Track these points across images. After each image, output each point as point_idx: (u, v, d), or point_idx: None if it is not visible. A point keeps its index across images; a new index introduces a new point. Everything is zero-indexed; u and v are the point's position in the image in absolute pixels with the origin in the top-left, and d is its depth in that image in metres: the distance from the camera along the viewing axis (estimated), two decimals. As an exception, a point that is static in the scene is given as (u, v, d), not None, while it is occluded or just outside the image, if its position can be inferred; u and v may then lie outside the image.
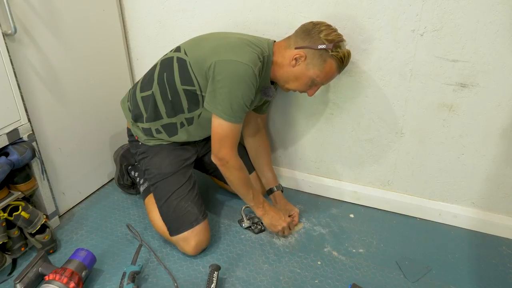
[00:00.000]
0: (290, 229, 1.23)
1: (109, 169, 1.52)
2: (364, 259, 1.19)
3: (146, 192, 1.26)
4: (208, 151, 1.34)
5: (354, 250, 1.22)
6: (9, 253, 1.12)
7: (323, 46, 1.00)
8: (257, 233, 1.27)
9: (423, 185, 1.34)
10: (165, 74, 1.11)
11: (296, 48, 1.03)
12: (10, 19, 1.00)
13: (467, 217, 1.31)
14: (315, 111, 1.36)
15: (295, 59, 1.04)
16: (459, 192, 1.30)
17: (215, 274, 1.04)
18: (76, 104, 1.30)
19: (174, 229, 1.14)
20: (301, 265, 1.16)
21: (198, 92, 1.07)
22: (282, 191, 1.38)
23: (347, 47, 1.07)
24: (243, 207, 1.30)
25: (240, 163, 1.10)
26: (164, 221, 1.17)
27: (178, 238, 1.14)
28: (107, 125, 1.47)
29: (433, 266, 1.17)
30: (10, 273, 1.10)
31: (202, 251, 1.19)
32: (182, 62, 1.07)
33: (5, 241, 1.07)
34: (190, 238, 1.13)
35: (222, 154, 1.06)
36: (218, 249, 1.21)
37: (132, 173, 1.38)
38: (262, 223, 1.29)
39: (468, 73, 1.12)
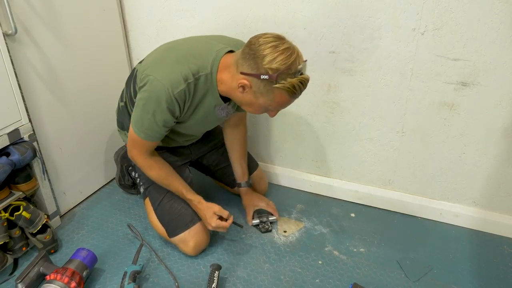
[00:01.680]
0: (220, 228, 1.13)
1: (110, 169, 1.52)
2: (365, 259, 1.18)
3: (145, 194, 1.26)
4: (205, 153, 1.34)
5: (355, 250, 1.22)
6: (11, 253, 1.12)
7: (266, 77, 0.86)
8: (263, 232, 1.27)
9: (424, 184, 1.34)
10: (127, 87, 1.11)
11: (241, 73, 0.90)
12: (11, 19, 1.00)
13: (468, 216, 1.31)
14: (315, 110, 1.35)
15: (242, 87, 0.92)
16: (460, 191, 1.30)
17: (216, 274, 1.04)
18: (76, 104, 1.31)
19: (171, 231, 1.14)
20: (302, 265, 1.16)
21: None
22: (250, 186, 1.34)
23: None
24: None
25: (149, 163, 1.07)
26: (161, 224, 1.17)
27: (176, 239, 1.14)
28: (107, 125, 1.46)
29: (434, 265, 1.16)
30: (12, 273, 1.11)
31: (202, 251, 1.19)
32: (136, 74, 1.06)
33: (6, 241, 1.07)
34: (188, 239, 1.13)
35: (131, 154, 1.08)
36: (218, 249, 1.21)
37: (133, 173, 1.38)
38: (270, 223, 1.29)
39: (469, 72, 1.11)
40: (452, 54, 1.10)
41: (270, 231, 1.28)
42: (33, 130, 1.14)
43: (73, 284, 0.97)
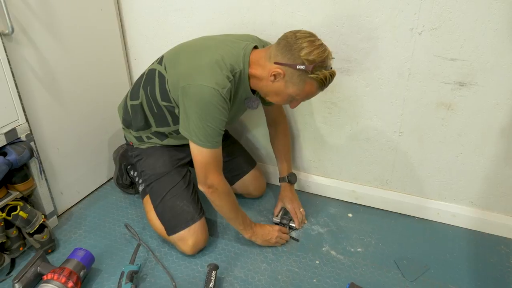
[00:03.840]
0: (283, 235, 1.23)
1: (107, 169, 1.52)
2: (362, 258, 1.19)
3: (145, 192, 1.26)
4: None
5: (352, 249, 1.22)
6: (8, 252, 1.13)
7: (302, 67, 0.93)
8: None
9: (421, 184, 1.34)
10: (148, 87, 1.11)
11: (275, 63, 0.97)
12: (7, 19, 1.00)
13: (465, 216, 1.31)
14: (313, 110, 1.35)
15: (274, 75, 0.97)
16: (458, 191, 1.30)
17: (213, 274, 1.05)
18: (74, 104, 1.30)
19: (171, 229, 1.14)
20: (299, 264, 1.16)
21: (177, 111, 1.06)
22: (290, 183, 1.36)
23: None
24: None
25: (228, 187, 1.09)
26: (160, 221, 1.17)
27: (175, 237, 1.14)
28: (105, 124, 1.46)
29: (431, 265, 1.17)
30: (9, 273, 1.11)
31: (200, 250, 1.19)
32: (162, 78, 1.07)
33: (3, 241, 1.07)
34: (187, 237, 1.13)
35: (210, 181, 1.04)
36: (216, 248, 1.21)
37: (132, 172, 1.38)
38: (289, 228, 1.29)
39: (466, 72, 1.11)
40: (450, 54, 1.10)
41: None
42: (30, 130, 1.14)
43: (70, 284, 0.97)
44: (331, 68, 0.98)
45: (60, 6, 1.18)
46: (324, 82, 0.96)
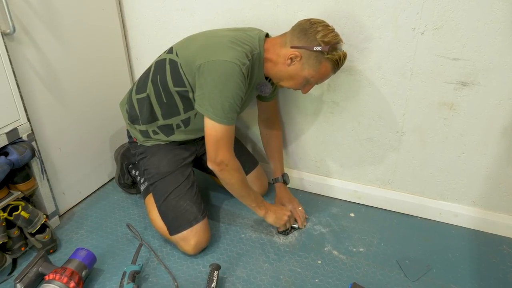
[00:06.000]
0: (291, 217, 1.25)
1: (109, 169, 1.52)
2: (365, 258, 1.18)
3: (147, 191, 1.26)
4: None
5: (354, 249, 1.22)
6: (9, 253, 1.12)
7: (319, 48, 0.99)
8: (279, 232, 1.27)
9: (423, 184, 1.34)
10: (158, 76, 1.11)
11: (291, 47, 1.02)
12: (9, 18, 1.00)
13: (467, 216, 1.31)
14: (315, 110, 1.35)
15: (290, 58, 1.02)
16: (460, 191, 1.30)
17: (215, 274, 1.04)
18: (76, 104, 1.30)
19: (173, 229, 1.14)
20: (301, 264, 1.16)
21: (190, 95, 1.07)
22: (285, 183, 1.37)
23: (345, 47, 1.06)
24: None
25: (238, 164, 1.09)
26: (163, 221, 1.17)
27: (178, 237, 1.14)
28: (107, 124, 1.46)
29: (433, 265, 1.17)
30: (11, 273, 1.11)
31: (202, 250, 1.18)
32: (173, 64, 1.07)
33: (5, 241, 1.07)
34: (190, 238, 1.13)
35: (220, 158, 1.03)
36: (218, 249, 1.21)
37: (133, 171, 1.38)
38: (291, 228, 1.28)
39: (469, 72, 1.11)
40: (452, 54, 1.10)
41: (287, 235, 1.26)
42: (32, 129, 1.14)
43: (72, 284, 0.97)
44: (343, 51, 1.03)
45: (61, 6, 1.18)
46: (338, 63, 1.02)
